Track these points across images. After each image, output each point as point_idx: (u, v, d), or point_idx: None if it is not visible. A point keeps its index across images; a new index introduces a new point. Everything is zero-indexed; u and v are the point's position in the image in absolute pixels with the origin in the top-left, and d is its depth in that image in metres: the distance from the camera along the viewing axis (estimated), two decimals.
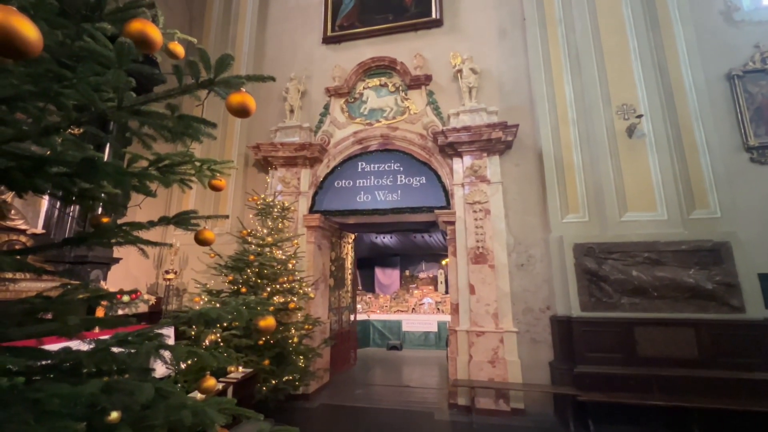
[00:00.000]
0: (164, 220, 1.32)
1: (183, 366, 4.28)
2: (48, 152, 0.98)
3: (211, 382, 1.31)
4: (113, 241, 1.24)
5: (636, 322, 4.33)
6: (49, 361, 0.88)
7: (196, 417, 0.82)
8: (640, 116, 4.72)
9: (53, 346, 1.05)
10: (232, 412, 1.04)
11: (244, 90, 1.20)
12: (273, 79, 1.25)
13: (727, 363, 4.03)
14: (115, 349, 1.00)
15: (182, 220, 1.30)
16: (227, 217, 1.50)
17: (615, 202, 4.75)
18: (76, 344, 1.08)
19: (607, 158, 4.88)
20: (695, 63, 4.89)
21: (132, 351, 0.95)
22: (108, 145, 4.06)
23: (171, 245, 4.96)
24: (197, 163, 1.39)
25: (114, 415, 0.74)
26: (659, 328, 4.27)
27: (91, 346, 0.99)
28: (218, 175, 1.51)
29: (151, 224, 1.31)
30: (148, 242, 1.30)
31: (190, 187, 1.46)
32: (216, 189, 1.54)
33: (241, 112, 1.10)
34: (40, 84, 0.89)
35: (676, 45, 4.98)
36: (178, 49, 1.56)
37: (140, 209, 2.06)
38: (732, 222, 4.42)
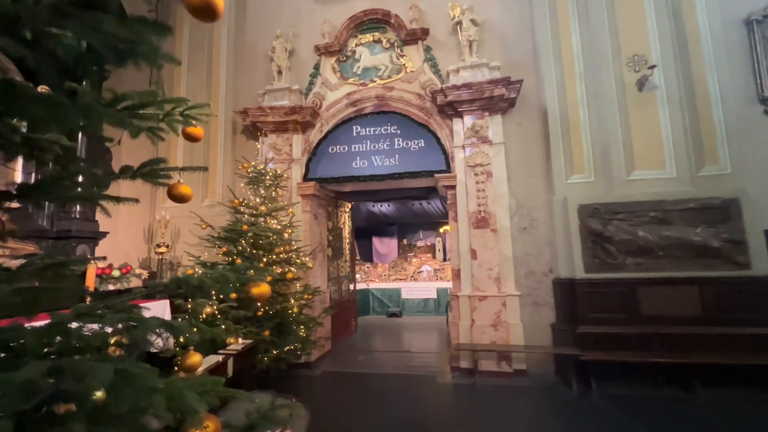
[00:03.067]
0: (127, 172, 1.10)
1: (182, 339, 4.22)
2: None
3: (195, 358, 1.15)
4: (66, 195, 1.03)
5: (640, 281, 4.27)
6: None
7: (172, 402, 0.66)
8: (652, 67, 4.43)
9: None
10: (220, 394, 0.88)
11: None
12: None
13: (730, 319, 4.02)
14: (74, 325, 0.82)
15: (151, 172, 1.08)
16: (206, 169, 1.28)
17: (622, 160, 4.56)
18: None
19: (616, 114, 4.64)
20: (712, 6, 4.54)
21: (96, 327, 0.77)
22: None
23: (137, 200, 4.52)
24: (166, 106, 1.15)
25: (64, 405, 0.58)
26: (663, 287, 4.22)
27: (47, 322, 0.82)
28: (193, 122, 1.28)
29: (110, 177, 1.10)
30: (107, 197, 1.08)
31: (161, 138, 1.24)
32: (192, 138, 1.31)
33: (204, 9, 0.85)
34: None
35: None
36: None
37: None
38: (742, 178, 4.27)
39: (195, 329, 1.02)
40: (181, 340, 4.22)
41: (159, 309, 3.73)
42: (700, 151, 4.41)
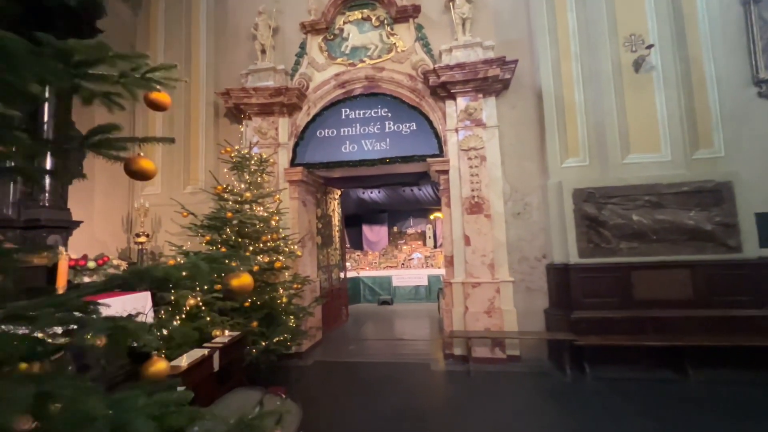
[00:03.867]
0: (72, 142, 0.91)
1: (165, 333, 4.03)
2: None
3: (159, 365, 0.99)
4: None
5: (634, 266, 4.25)
6: None
7: None
8: (650, 46, 4.32)
9: None
10: (190, 415, 0.73)
11: None
12: None
13: (721, 302, 4.04)
14: None
15: (102, 142, 0.89)
16: (173, 140, 1.08)
17: (617, 143, 4.48)
18: None
19: (611, 96, 4.54)
20: None
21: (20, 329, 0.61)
22: None
23: (84, 176, 3.87)
24: (121, 64, 0.96)
25: None
26: (656, 271, 4.21)
27: None
28: (157, 87, 1.09)
29: (46, 147, 0.91)
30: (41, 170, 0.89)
31: (120, 106, 1.04)
32: (157, 107, 1.12)
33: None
34: None
35: None
36: None
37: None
38: (735, 161, 4.25)
39: (165, 330, 0.85)
40: (164, 332, 4.05)
41: (140, 302, 3.51)
42: (695, 134, 4.36)
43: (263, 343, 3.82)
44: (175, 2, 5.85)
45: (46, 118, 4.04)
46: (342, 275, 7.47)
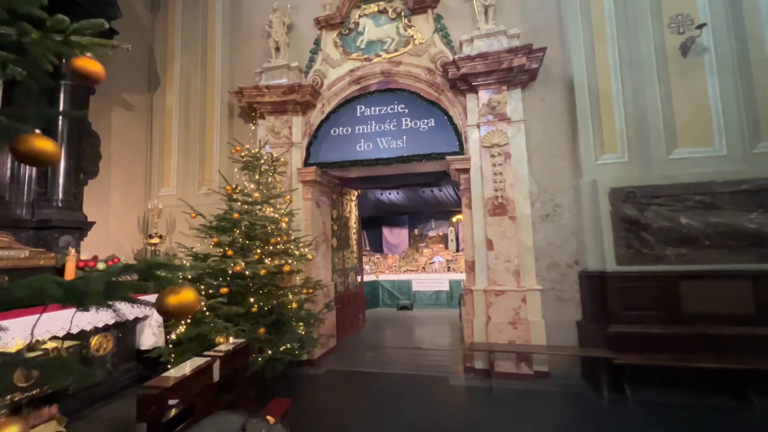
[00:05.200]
0: None
1: (173, 336, 3.91)
2: None
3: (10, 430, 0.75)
4: None
5: (682, 275, 3.74)
6: None
7: None
8: (701, 26, 3.80)
9: None
10: None
11: None
12: None
13: None
14: None
15: None
16: (76, 115, 0.84)
17: (662, 137, 3.99)
18: None
19: (655, 84, 4.05)
20: None
21: None
22: None
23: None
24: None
25: None
26: (709, 281, 3.68)
27: None
28: (85, 52, 0.87)
29: None
30: None
31: (31, 75, 0.82)
32: (86, 78, 0.90)
33: None
34: None
35: None
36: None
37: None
38: None
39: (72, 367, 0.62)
40: (173, 337, 3.93)
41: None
42: (756, 125, 3.79)
43: (269, 352, 3.62)
44: (192, 3, 5.83)
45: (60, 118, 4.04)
46: (359, 279, 7.23)
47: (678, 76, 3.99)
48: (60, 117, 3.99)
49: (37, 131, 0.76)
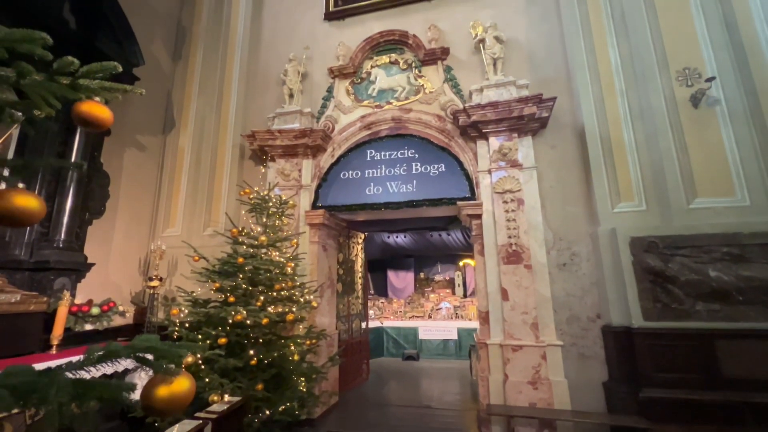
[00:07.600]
0: None
1: None
2: None
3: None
4: None
5: (717, 333, 3.46)
6: None
7: None
8: (710, 79, 3.85)
9: None
10: None
11: None
12: None
13: None
14: None
15: None
16: (68, 163, 0.72)
17: (680, 185, 3.89)
18: None
19: (668, 133, 4.03)
20: None
21: None
22: None
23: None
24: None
25: None
26: (749, 341, 3.39)
27: None
28: (92, 96, 0.78)
29: None
30: None
31: (30, 120, 0.73)
32: (91, 124, 0.80)
33: None
34: None
35: None
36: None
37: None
38: None
39: None
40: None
41: None
42: None
43: (267, 412, 3.29)
44: (212, 50, 6.13)
45: (73, 157, 4.05)
46: (363, 325, 6.87)
47: (691, 126, 3.98)
48: (73, 156, 4.00)
49: (20, 185, 0.64)
